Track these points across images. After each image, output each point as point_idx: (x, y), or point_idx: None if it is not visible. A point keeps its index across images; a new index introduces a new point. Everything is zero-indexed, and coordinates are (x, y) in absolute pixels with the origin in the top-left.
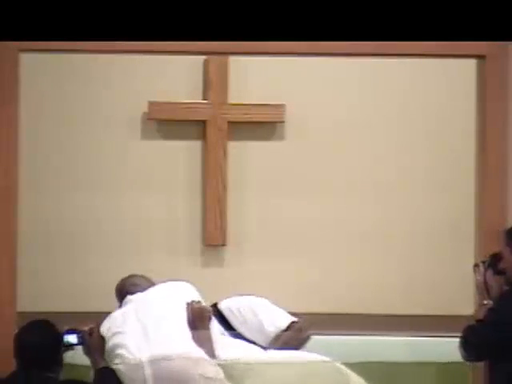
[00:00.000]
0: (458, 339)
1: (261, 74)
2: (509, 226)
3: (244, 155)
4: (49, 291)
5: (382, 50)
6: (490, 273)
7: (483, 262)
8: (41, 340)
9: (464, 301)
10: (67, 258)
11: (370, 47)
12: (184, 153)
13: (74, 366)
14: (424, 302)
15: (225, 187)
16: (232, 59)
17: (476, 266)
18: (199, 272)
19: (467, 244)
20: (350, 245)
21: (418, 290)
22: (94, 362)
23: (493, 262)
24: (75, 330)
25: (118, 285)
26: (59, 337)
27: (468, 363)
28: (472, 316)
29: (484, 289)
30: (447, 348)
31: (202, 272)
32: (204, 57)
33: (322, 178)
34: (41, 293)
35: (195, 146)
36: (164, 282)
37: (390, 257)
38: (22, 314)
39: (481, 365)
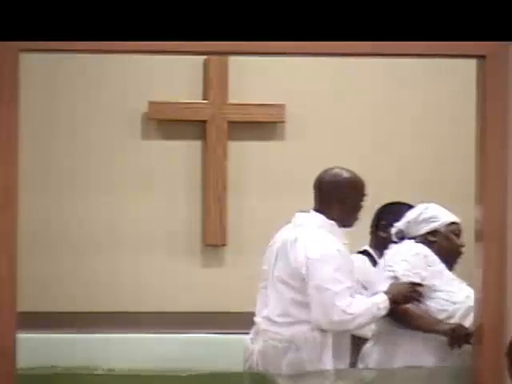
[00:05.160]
0: None
1: (261, 74)
2: (508, 226)
3: (244, 155)
4: (49, 291)
5: (382, 50)
6: None
7: None
8: None
9: None
10: (67, 257)
11: (370, 47)
12: (184, 153)
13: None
14: None
15: (225, 187)
16: (232, 59)
17: None
18: (199, 272)
19: (467, 244)
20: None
21: None
22: None
23: None
24: None
25: None
26: None
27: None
28: None
29: None
30: None
31: (201, 272)
32: (204, 57)
33: None
34: (41, 293)
35: (195, 145)
36: None
37: None
38: (22, 314)
39: None
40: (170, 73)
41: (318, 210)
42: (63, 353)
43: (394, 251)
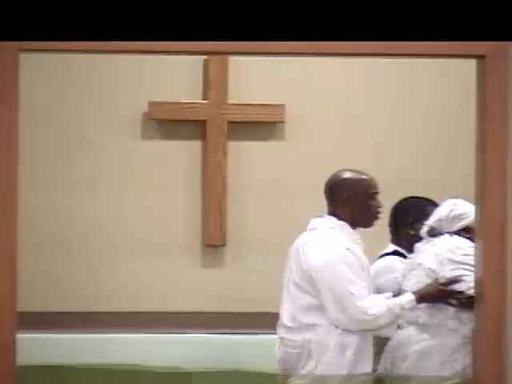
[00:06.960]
0: None
1: (261, 73)
2: (508, 226)
3: (244, 155)
4: (49, 291)
5: (382, 50)
6: None
7: None
8: None
9: None
10: (67, 258)
11: (370, 47)
12: (184, 153)
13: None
14: None
15: (225, 187)
16: (232, 59)
17: None
18: (199, 272)
19: None
20: None
21: None
22: None
23: None
24: None
25: None
26: None
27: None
28: None
29: None
30: None
31: (201, 272)
32: (204, 57)
33: (322, 178)
34: (41, 293)
35: (195, 146)
36: None
37: None
38: (21, 314)
39: None
40: (170, 73)
41: (330, 213)
42: (63, 353)
43: (447, 247)
